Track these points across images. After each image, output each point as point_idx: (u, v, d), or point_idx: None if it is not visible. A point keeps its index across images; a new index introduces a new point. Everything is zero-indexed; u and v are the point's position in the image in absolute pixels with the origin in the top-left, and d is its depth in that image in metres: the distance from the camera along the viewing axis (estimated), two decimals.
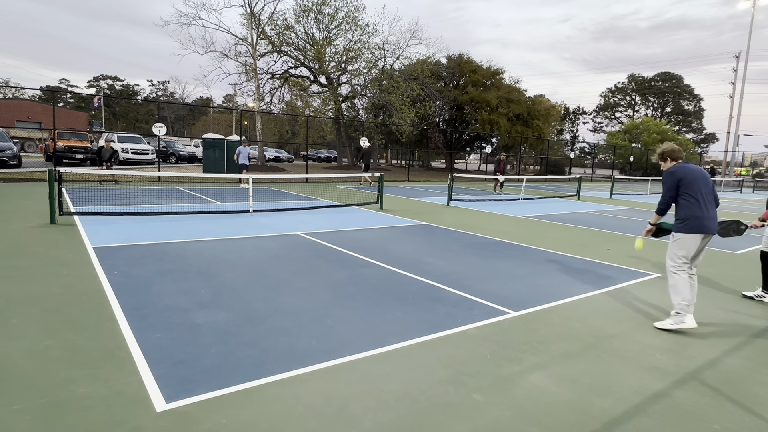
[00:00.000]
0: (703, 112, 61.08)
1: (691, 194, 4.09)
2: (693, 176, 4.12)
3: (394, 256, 6.57)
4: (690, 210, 4.08)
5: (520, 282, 5.57)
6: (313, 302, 4.48)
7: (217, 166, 18.77)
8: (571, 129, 66.72)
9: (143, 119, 69.96)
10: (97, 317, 3.86)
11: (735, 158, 41.03)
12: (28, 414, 2.49)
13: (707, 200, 4.12)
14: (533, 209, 13.62)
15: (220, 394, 2.77)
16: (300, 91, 31.61)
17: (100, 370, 3.00)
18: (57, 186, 8.05)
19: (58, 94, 62.04)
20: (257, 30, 26.86)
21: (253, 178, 11.39)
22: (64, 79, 76.01)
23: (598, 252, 7.57)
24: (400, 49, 30.90)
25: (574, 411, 2.79)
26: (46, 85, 70.47)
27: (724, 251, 8.19)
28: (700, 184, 4.11)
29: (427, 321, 4.12)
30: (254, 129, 32.62)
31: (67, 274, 5.05)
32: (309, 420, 2.57)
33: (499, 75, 37.09)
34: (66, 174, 8.76)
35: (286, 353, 3.36)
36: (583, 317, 4.43)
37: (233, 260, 5.94)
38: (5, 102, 48.72)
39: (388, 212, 11.49)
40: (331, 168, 31.96)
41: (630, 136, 46.03)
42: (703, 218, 4.06)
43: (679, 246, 4.16)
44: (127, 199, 11.29)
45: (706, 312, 4.76)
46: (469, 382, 3.08)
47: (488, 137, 38.26)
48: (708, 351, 3.78)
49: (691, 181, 4.10)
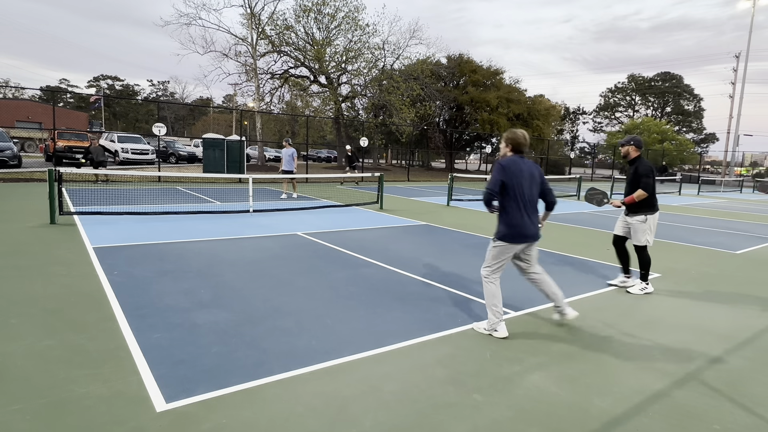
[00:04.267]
0: (703, 112, 61.11)
1: (514, 196, 3.72)
2: (520, 176, 3.72)
3: (394, 256, 6.57)
4: (510, 216, 3.75)
5: (520, 282, 5.56)
6: (313, 302, 4.48)
7: (217, 166, 18.77)
8: (571, 129, 66.78)
9: (143, 119, 69.96)
10: (97, 317, 3.86)
11: (735, 158, 41.02)
12: (28, 414, 2.49)
13: (529, 204, 3.76)
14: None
15: (220, 394, 2.77)
16: (300, 91, 31.62)
17: (100, 370, 3.00)
18: (57, 186, 8.05)
19: (58, 94, 62.02)
20: (257, 30, 26.87)
21: (253, 178, 11.39)
22: (64, 79, 76.11)
23: (598, 252, 7.57)
24: (400, 49, 30.94)
25: (574, 411, 2.79)
26: (46, 85, 70.53)
27: (723, 251, 8.19)
28: (524, 186, 3.73)
29: (427, 321, 4.12)
30: (254, 129, 32.65)
31: (67, 274, 5.05)
32: (309, 420, 2.57)
33: (499, 75, 37.10)
34: (66, 174, 8.75)
35: (286, 353, 3.36)
36: (584, 317, 4.43)
37: (233, 260, 5.94)
38: (5, 102, 48.71)
39: (388, 212, 11.48)
40: (331, 168, 31.97)
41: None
42: (523, 226, 3.74)
43: (497, 253, 3.84)
44: (127, 199, 11.29)
45: (706, 311, 4.76)
46: (469, 382, 3.08)
47: (488, 137, 38.27)
48: (708, 351, 3.78)
49: (516, 183, 3.70)
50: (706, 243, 8.97)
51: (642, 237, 5.27)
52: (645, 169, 5.15)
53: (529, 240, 3.82)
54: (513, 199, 3.73)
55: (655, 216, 5.27)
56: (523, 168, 3.76)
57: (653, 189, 5.17)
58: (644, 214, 5.23)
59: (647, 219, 5.23)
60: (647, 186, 5.12)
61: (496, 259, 3.85)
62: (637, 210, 5.25)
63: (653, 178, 5.15)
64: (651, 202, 5.20)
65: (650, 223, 5.25)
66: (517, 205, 3.72)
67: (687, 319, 4.52)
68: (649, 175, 5.12)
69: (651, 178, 5.13)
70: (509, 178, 3.70)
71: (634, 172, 5.23)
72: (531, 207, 3.79)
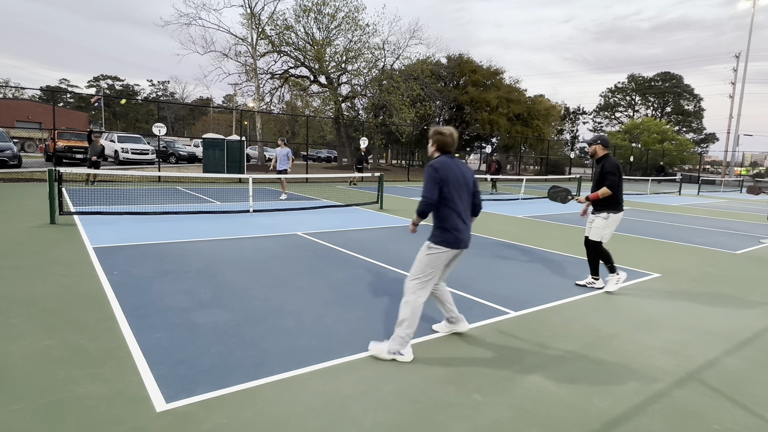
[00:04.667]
0: (703, 112, 61.06)
1: (451, 199, 3.41)
2: (455, 179, 3.42)
3: (394, 256, 6.56)
4: (450, 220, 3.41)
5: (520, 282, 5.57)
6: (313, 302, 4.48)
7: (217, 166, 18.77)
8: (571, 129, 66.73)
9: (143, 119, 69.93)
10: (97, 317, 3.86)
11: (735, 158, 41.03)
12: (28, 414, 2.48)
13: (464, 208, 3.48)
14: (533, 209, 13.62)
15: (220, 394, 2.77)
16: (300, 91, 31.64)
17: (100, 370, 3.00)
18: (57, 186, 8.05)
19: (58, 94, 62.03)
20: (257, 30, 26.88)
21: (253, 178, 11.39)
22: (64, 79, 76.06)
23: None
24: (400, 49, 30.95)
25: (574, 411, 2.79)
26: (46, 85, 70.49)
27: (723, 251, 8.19)
28: (459, 188, 3.43)
29: (427, 321, 4.12)
30: (254, 129, 32.65)
31: (67, 274, 5.05)
32: (309, 420, 2.57)
33: (499, 75, 37.12)
34: (66, 174, 8.75)
35: (286, 353, 3.36)
36: (583, 317, 4.43)
37: (233, 260, 5.94)
38: (5, 102, 48.70)
39: (388, 212, 11.48)
40: (331, 168, 31.97)
41: (630, 136, 46.01)
42: (461, 230, 3.43)
43: (430, 261, 3.43)
44: (127, 199, 11.29)
45: (706, 311, 4.76)
46: (469, 382, 3.08)
47: (488, 137, 38.28)
48: (708, 351, 3.78)
49: (451, 185, 3.40)
50: (706, 243, 8.97)
51: (598, 232, 5.29)
52: (611, 166, 5.13)
53: (464, 246, 3.51)
54: (449, 201, 3.40)
55: (618, 215, 5.26)
56: (456, 169, 3.45)
57: (618, 187, 5.15)
58: (607, 212, 5.23)
59: (609, 217, 5.23)
60: (612, 184, 5.11)
61: (429, 267, 3.44)
62: (601, 207, 5.26)
63: (619, 176, 5.12)
64: (616, 201, 5.19)
65: (611, 222, 5.25)
66: (454, 209, 3.42)
67: (687, 319, 4.52)
68: (614, 173, 5.10)
69: (616, 176, 5.10)
70: (444, 180, 3.38)
71: (600, 170, 5.24)
72: (465, 211, 3.50)
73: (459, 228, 3.43)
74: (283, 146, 13.18)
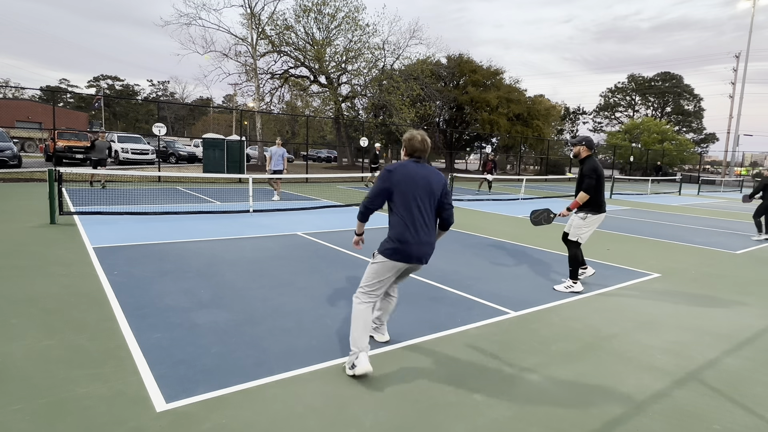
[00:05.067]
0: (703, 112, 61.01)
1: (403, 206, 3.08)
2: (411, 183, 3.08)
3: None
4: (396, 229, 3.10)
5: (520, 282, 5.57)
6: (313, 302, 4.48)
7: (217, 166, 18.77)
8: (571, 129, 66.68)
9: (143, 119, 69.90)
10: (97, 317, 3.86)
11: (735, 158, 41.02)
12: (28, 414, 2.49)
13: (422, 219, 3.10)
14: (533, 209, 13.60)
15: (220, 394, 2.77)
16: (300, 91, 31.64)
17: (100, 370, 3.00)
18: (57, 186, 8.05)
19: (58, 94, 62.02)
20: (257, 30, 26.88)
21: (253, 178, 11.39)
22: (64, 79, 76.02)
23: (598, 252, 7.57)
24: (400, 49, 30.97)
25: (574, 411, 2.79)
26: (46, 85, 70.45)
27: (723, 251, 8.19)
28: (416, 195, 3.08)
29: (427, 321, 4.12)
30: (254, 129, 32.65)
31: (67, 274, 5.05)
32: (309, 420, 2.57)
33: (499, 75, 37.13)
34: (66, 174, 8.75)
35: (286, 353, 3.36)
36: (583, 317, 4.43)
37: (233, 260, 5.94)
38: (5, 102, 48.70)
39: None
40: (331, 168, 31.97)
41: (630, 136, 46.02)
42: (408, 243, 3.06)
43: (375, 271, 3.19)
44: (127, 199, 11.29)
45: (706, 311, 4.76)
46: (469, 382, 3.08)
47: (488, 137, 38.28)
48: (708, 351, 3.78)
49: (404, 191, 3.07)
50: (706, 243, 8.97)
51: (576, 232, 5.30)
52: (588, 169, 5.13)
53: (414, 261, 3.12)
54: (399, 208, 3.09)
55: (598, 216, 5.26)
56: (417, 175, 3.09)
57: (596, 190, 5.14)
58: (586, 212, 5.24)
59: (587, 217, 5.24)
60: (589, 187, 5.12)
61: (374, 278, 3.19)
62: (582, 207, 5.26)
63: (596, 178, 5.10)
64: (597, 202, 5.19)
65: (589, 222, 5.25)
66: (404, 218, 3.07)
67: (687, 319, 4.52)
68: (591, 176, 5.10)
69: (593, 179, 5.10)
70: (395, 185, 3.08)
71: (580, 171, 5.25)
72: (422, 222, 3.10)
73: (405, 239, 3.06)
74: (279, 146, 13.04)
